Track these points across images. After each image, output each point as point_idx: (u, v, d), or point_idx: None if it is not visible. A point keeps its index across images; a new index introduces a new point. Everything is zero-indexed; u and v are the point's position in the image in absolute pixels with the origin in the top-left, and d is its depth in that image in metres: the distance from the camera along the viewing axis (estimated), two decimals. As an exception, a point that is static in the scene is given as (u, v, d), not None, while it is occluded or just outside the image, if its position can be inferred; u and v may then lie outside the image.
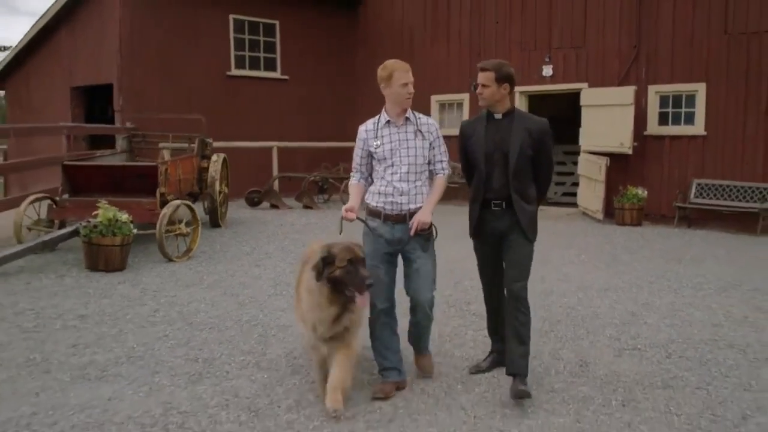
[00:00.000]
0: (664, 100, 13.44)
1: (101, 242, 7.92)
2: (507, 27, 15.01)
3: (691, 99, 13.10)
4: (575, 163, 14.96)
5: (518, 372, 4.46)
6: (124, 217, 8.07)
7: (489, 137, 4.61)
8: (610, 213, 13.21)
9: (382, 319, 4.66)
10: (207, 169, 11.02)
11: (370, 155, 4.70)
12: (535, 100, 15.09)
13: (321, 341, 4.32)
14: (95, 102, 16.75)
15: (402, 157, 4.58)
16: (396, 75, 4.56)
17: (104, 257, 7.98)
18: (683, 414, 4.27)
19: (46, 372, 4.94)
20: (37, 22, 16.28)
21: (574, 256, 9.62)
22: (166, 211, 8.66)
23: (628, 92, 13.26)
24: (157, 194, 8.93)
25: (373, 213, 4.66)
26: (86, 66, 15.41)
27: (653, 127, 13.50)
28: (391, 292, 4.68)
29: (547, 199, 15.63)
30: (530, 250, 4.65)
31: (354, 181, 4.83)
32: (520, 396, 4.33)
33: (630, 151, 13.26)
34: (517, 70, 13.65)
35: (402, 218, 4.55)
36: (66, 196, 9.19)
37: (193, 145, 11.25)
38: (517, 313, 4.53)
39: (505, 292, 4.66)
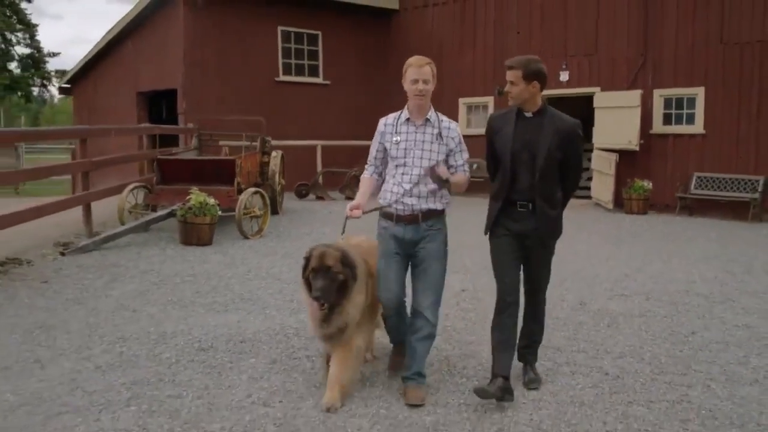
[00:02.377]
0: (667, 103, 14.99)
1: (194, 221, 9.73)
2: (527, 37, 16.63)
3: (691, 101, 14.65)
4: (589, 160, 16.56)
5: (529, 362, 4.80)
6: (211, 201, 9.87)
7: (517, 135, 4.40)
8: (620, 203, 14.86)
9: (394, 316, 4.72)
10: (268, 163, 12.78)
11: (386, 150, 4.58)
12: (553, 102, 16.46)
13: (319, 339, 4.57)
14: (152, 105, 18.69)
15: (415, 158, 4.44)
16: (409, 71, 4.45)
17: (196, 233, 9.78)
18: (650, 331, 5.98)
19: (184, 307, 6.74)
20: (105, 35, 18.24)
21: (584, 237, 11.28)
22: (243, 197, 10.47)
23: (635, 95, 14.86)
24: (235, 183, 10.74)
25: (386, 215, 4.55)
26: (151, 73, 17.30)
27: (658, 127, 15.07)
28: (399, 292, 4.57)
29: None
30: (551, 253, 4.64)
31: (366, 175, 4.72)
32: (534, 383, 4.66)
33: (637, 148, 14.87)
34: (537, 77, 15.36)
35: (414, 219, 4.44)
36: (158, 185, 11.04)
37: (255, 143, 13.02)
38: (534, 319, 4.76)
39: (524, 296, 4.68)
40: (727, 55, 14.12)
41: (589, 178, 16.52)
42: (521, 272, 4.63)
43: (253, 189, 10.86)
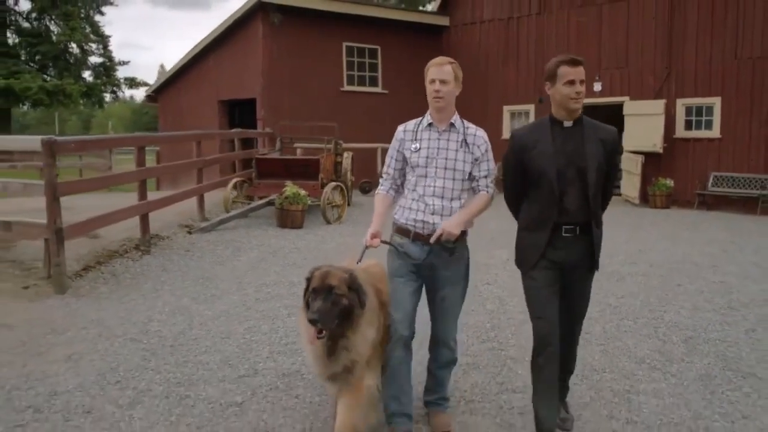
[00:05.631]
0: (688, 110, 16.90)
1: (290, 208, 12.05)
2: (565, 51, 18.57)
3: (709, 109, 16.55)
4: (620, 162, 18.58)
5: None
6: (303, 192, 12.19)
7: (559, 149, 3.84)
8: (645, 199, 16.87)
9: (399, 352, 4.01)
10: (341, 163, 15.06)
11: (405, 160, 4.10)
12: (587, 110, 18.56)
13: (323, 380, 3.95)
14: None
15: (438, 168, 3.98)
16: (429, 71, 4.00)
17: (291, 218, 12.10)
18: (647, 284, 8.11)
19: (299, 267, 9.03)
20: (191, 50, 20.74)
21: (610, 225, 13.13)
22: (327, 189, 12.79)
23: (660, 104, 16.83)
24: (320, 178, 13.06)
25: (401, 231, 4.07)
26: (232, 84, 19.74)
27: (680, 132, 16.99)
28: (412, 319, 4.06)
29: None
30: (592, 281, 4.12)
31: (382, 191, 4.23)
32: (567, 424, 4.24)
33: (661, 151, 16.84)
34: (572, 88, 17.49)
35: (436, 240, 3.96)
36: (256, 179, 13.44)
37: (329, 145, 15.32)
38: (568, 358, 4.21)
39: (560, 325, 4.00)
40: (741, 68, 16.00)
41: (619, 178, 18.54)
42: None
43: (334, 183, 13.18)
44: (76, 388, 4.82)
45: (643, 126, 17.02)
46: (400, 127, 4.17)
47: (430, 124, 4.07)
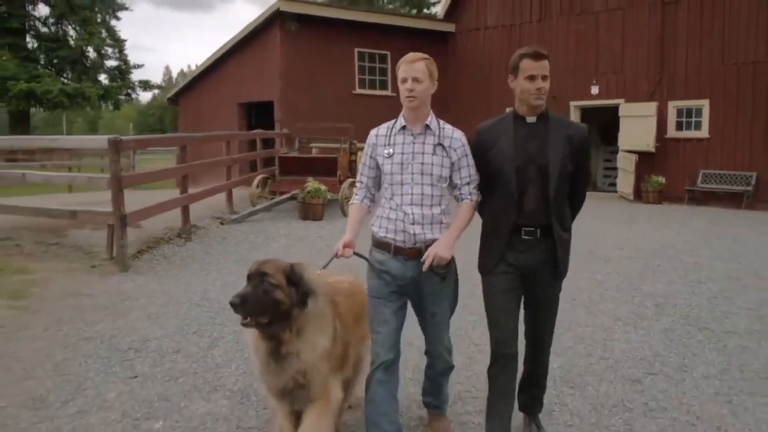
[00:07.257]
0: (679, 112, 18.09)
1: (311, 202, 13.25)
2: (564, 57, 19.75)
3: (698, 111, 17.75)
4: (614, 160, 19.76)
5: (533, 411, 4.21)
6: (323, 187, 13.39)
7: (519, 146, 3.67)
8: (639, 195, 18.04)
9: (378, 375, 3.71)
10: (355, 161, 16.22)
11: (379, 167, 3.83)
12: (586, 112, 19.91)
13: (273, 393, 3.54)
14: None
15: (414, 174, 3.68)
16: (400, 69, 3.74)
17: (312, 211, 13.30)
18: (632, 265, 9.29)
19: (325, 253, 10.20)
20: (211, 56, 21.96)
21: (605, 219, 14.48)
22: (344, 185, 13.99)
23: (652, 106, 18.00)
24: (338, 175, 14.27)
25: (381, 245, 3.80)
26: (251, 87, 20.94)
27: (671, 132, 18.17)
28: (395, 341, 3.78)
29: (596, 187, 20.50)
30: (559, 289, 3.94)
31: (356, 201, 3.99)
32: None
33: (653, 150, 18.02)
34: (573, 90, 18.87)
35: (416, 252, 3.67)
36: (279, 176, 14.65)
37: (344, 145, 16.50)
38: (537, 368, 4.08)
39: (526, 341, 4.00)
40: (727, 73, 17.19)
41: (616, 176, 19.74)
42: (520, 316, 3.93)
43: (350, 180, 14.38)
44: (163, 336, 6.04)
45: (637, 127, 18.20)
46: (373, 132, 3.90)
47: (403, 127, 3.77)
